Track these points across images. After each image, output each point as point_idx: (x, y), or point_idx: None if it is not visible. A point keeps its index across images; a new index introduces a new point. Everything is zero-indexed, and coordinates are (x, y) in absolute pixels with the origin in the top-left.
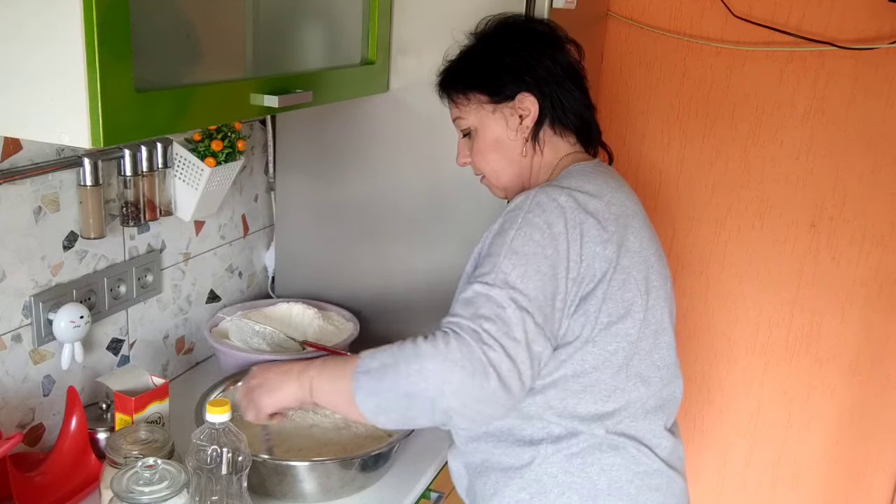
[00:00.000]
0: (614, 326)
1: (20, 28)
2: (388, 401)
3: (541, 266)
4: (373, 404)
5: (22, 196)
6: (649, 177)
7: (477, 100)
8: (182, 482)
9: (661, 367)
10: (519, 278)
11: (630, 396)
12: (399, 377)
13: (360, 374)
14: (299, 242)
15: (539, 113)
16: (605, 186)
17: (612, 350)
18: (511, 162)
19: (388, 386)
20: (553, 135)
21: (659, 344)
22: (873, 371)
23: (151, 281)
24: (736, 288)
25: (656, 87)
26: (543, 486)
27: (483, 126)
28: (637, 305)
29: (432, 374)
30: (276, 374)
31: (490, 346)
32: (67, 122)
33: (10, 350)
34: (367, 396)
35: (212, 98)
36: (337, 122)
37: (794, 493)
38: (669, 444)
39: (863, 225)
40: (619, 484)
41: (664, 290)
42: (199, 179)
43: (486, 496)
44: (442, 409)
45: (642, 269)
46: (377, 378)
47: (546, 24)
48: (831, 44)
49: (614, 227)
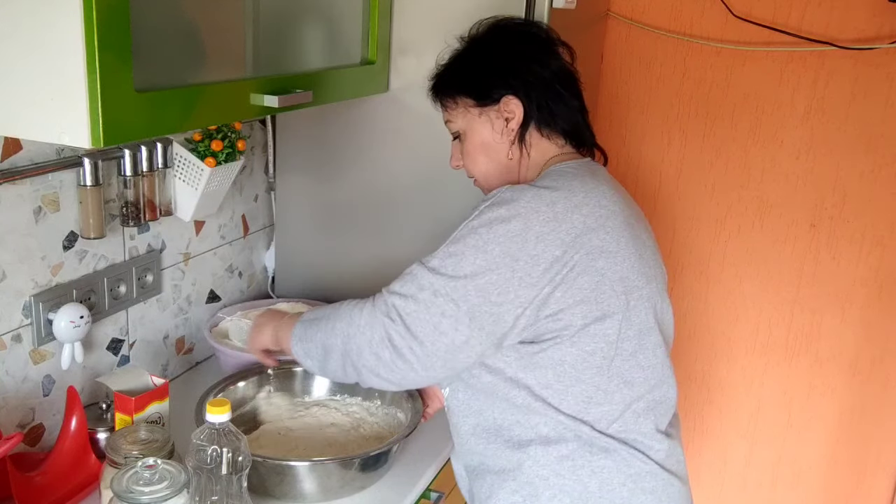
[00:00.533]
0: (591, 327)
1: (20, 28)
2: (311, 349)
3: (477, 259)
4: (301, 349)
5: (22, 196)
6: (649, 177)
7: (464, 103)
8: (182, 482)
9: (647, 368)
10: (452, 266)
11: (614, 398)
12: (320, 331)
13: (301, 322)
14: (299, 242)
15: (524, 116)
16: (579, 185)
17: (590, 350)
18: (498, 164)
19: (312, 335)
20: (540, 137)
21: (644, 345)
22: (873, 371)
23: (151, 281)
24: (736, 288)
25: (656, 87)
26: (535, 488)
27: (471, 129)
28: (615, 307)
29: (340, 334)
30: (265, 317)
31: (392, 321)
32: (67, 122)
33: (10, 350)
34: (298, 342)
35: (212, 98)
36: (337, 122)
37: (794, 493)
38: (664, 447)
39: (863, 225)
40: (610, 486)
41: (648, 290)
42: (199, 179)
43: (483, 499)
44: (351, 364)
45: (618, 270)
46: (309, 328)
47: (537, 26)
48: (831, 44)
49: (581, 226)
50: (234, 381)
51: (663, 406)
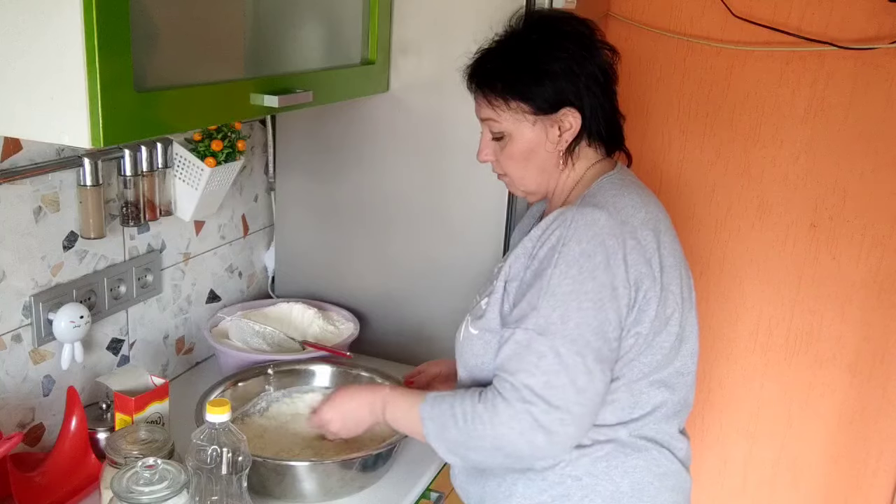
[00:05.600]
0: (654, 340)
1: (20, 28)
2: (456, 447)
3: (582, 302)
4: (444, 448)
5: (22, 196)
6: (649, 177)
7: (519, 108)
8: (182, 482)
9: (685, 375)
10: (559, 320)
11: (655, 402)
12: (459, 432)
13: (427, 419)
14: (299, 242)
15: (580, 127)
16: (638, 200)
17: (648, 362)
18: (541, 171)
19: (453, 437)
20: (587, 146)
21: (682, 352)
22: (873, 371)
23: (151, 281)
24: (736, 288)
25: (656, 87)
26: (567, 488)
27: (519, 134)
28: (674, 318)
29: (486, 436)
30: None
31: (532, 403)
32: (67, 122)
33: (10, 350)
34: (437, 441)
35: (212, 98)
36: (337, 122)
37: (794, 493)
38: (684, 447)
39: (863, 225)
40: (640, 486)
41: (690, 301)
42: (199, 179)
43: (500, 498)
44: (500, 461)
45: (677, 282)
46: (441, 427)
47: (585, 25)
48: (831, 44)
49: (654, 244)
50: (234, 381)
51: (687, 408)
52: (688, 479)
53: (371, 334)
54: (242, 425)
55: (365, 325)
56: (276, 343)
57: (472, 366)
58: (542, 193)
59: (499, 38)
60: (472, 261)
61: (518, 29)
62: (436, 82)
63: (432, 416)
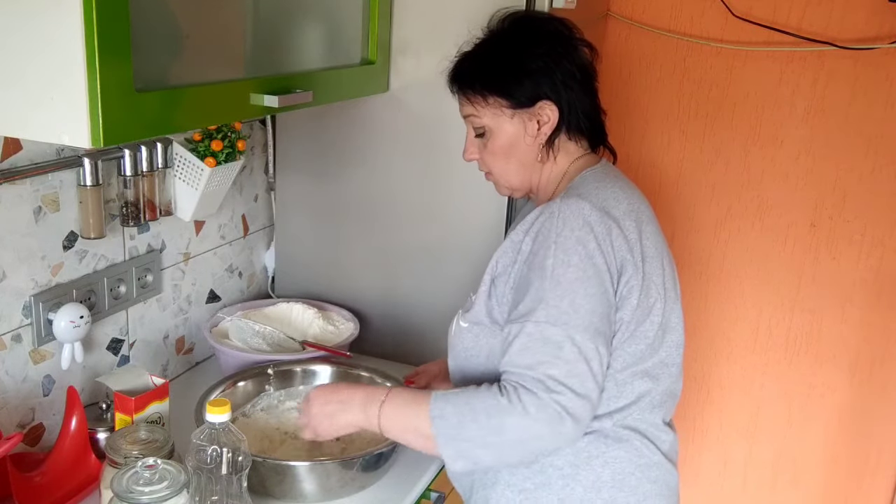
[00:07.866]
0: (636, 329)
1: (20, 28)
2: (468, 449)
3: (588, 288)
4: (453, 450)
5: (22, 196)
6: (649, 177)
7: (497, 103)
8: (182, 482)
9: (670, 366)
10: (570, 308)
11: (639, 391)
12: (480, 429)
13: (437, 418)
14: (299, 242)
15: (558, 120)
16: (620, 192)
17: (632, 352)
18: (523, 165)
19: (470, 436)
20: (567, 140)
21: (666, 342)
22: (873, 371)
23: (151, 281)
24: (736, 288)
25: (656, 87)
26: (548, 477)
27: (499, 129)
28: (657, 308)
29: (513, 428)
30: (337, 402)
31: (559, 393)
32: (67, 122)
33: (10, 350)
34: (448, 442)
35: (212, 98)
36: (337, 122)
37: (794, 493)
38: (669, 439)
39: (863, 225)
40: (621, 476)
41: (674, 292)
42: (199, 179)
43: (487, 484)
44: (519, 456)
45: (659, 272)
46: (456, 426)
47: (564, 24)
48: (831, 44)
49: (635, 234)
50: (234, 381)
51: (672, 400)
52: (672, 472)
53: (371, 334)
54: (242, 425)
55: (365, 325)
56: (276, 343)
57: (461, 358)
58: (525, 189)
59: (478, 41)
60: (472, 261)
61: (496, 29)
62: (436, 82)
63: (444, 415)
